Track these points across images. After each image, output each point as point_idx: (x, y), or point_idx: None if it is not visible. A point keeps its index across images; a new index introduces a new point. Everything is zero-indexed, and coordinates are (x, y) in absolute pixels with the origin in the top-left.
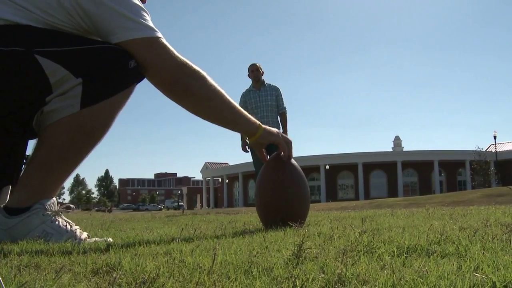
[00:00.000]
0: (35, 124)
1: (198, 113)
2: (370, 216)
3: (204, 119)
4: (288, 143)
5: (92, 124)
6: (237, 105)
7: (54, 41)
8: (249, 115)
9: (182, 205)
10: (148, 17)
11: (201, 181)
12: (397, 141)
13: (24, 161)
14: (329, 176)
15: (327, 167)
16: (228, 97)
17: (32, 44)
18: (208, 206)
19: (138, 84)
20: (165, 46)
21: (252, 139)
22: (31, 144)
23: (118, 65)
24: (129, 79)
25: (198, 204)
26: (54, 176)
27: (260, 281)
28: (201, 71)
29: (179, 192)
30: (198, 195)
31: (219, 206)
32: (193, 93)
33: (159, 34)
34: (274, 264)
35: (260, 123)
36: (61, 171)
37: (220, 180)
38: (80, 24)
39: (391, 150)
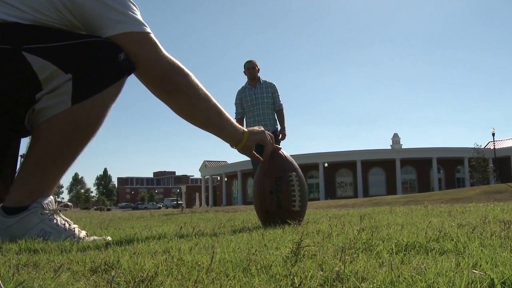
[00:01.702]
0: (27, 123)
1: (184, 113)
2: (368, 214)
3: (190, 120)
4: (272, 138)
5: (85, 119)
6: (224, 110)
7: (41, 37)
8: (235, 121)
9: (181, 204)
10: (137, 11)
11: (200, 179)
12: (395, 138)
13: (19, 159)
14: (328, 174)
15: (326, 164)
16: (215, 100)
17: (19, 41)
18: (207, 204)
19: (137, 82)
20: (154, 42)
21: (239, 146)
22: (24, 143)
23: (107, 58)
24: (119, 71)
25: (197, 203)
26: (50, 174)
27: (258, 278)
28: (188, 71)
29: (178, 190)
30: (197, 194)
31: (218, 204)
32: (182, 91)
33: (149, 30)
34: (273, 262)
35: (244, 129)
36: (57, 169)
37: (219, 178)
38: (70, 20)
39: (389, 147)
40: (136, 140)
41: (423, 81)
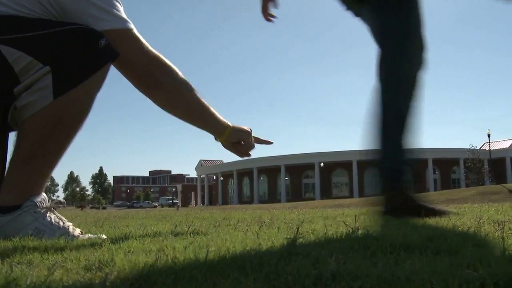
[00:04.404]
0: (11, 121)
1: (167, 107)
2: (364, 214)
3: (173, 114)
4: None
5: (69, 112)
6: (207, 104)
7: (15, 27)
8: (218, 114)
9: (176, 203)
10: (121, 8)
11: (196, 178)
12: None
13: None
14: (324, 174)
15: (322, 164)
16: (198, 94)
17: None
18: (203, 203)
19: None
20: (138, 38)
21: (221, 138)
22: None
23: (87, 45)
24: (101, 59)
25: (193, 202)
26: (39, 171)
27: (252, 277)
28: (173, 65)
29: (174, 189)
30: (193, 193)
31: (213, 204)
32: (164, 87)
33: (132, 26)
34: (267, 261)
35: (229, 123)
36: (45, 165)
37: (214, 178)
38: (52, 13)
39: None
40: (132, 138)
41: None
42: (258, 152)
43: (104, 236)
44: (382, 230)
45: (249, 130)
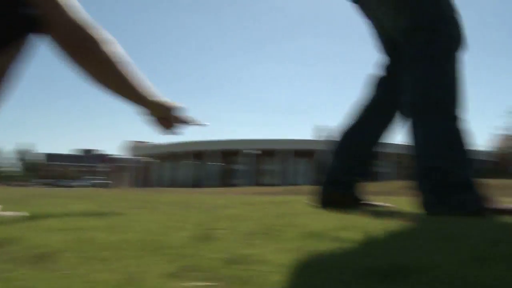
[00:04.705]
0: None
1: (95, 77)
2: (287, 202)
3: (101, 85)
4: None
5: None
6: (138, 75)
7: None
8: (149, 88)
9: (107, 183)
10: None
11: (128, 159)
12: (322, 129)
13: None
14: (252, 161)
15: (251, 151)
16: (130, 65)
17: None
18: (134, 185)
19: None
20: (68, 4)
21: (148, 112)
22: None
23: (5, 13)
24: (21, 28)
25: (124, 183)
26: None
27: (162, 258)
28: (106, 34)
29: (105, 169)
30: (124, 173)
31: (145, 185)
32: (93, 57)
33: None
34: (179, 243)
35: (156, 97)
36: None
37: (147, 159)
38: None
39: (315, 138)
40: (65, 115)
41: (361, 77)
42: (190, 135)
43: (22, 213)
44: (299, 218)
45: (174, 106)
